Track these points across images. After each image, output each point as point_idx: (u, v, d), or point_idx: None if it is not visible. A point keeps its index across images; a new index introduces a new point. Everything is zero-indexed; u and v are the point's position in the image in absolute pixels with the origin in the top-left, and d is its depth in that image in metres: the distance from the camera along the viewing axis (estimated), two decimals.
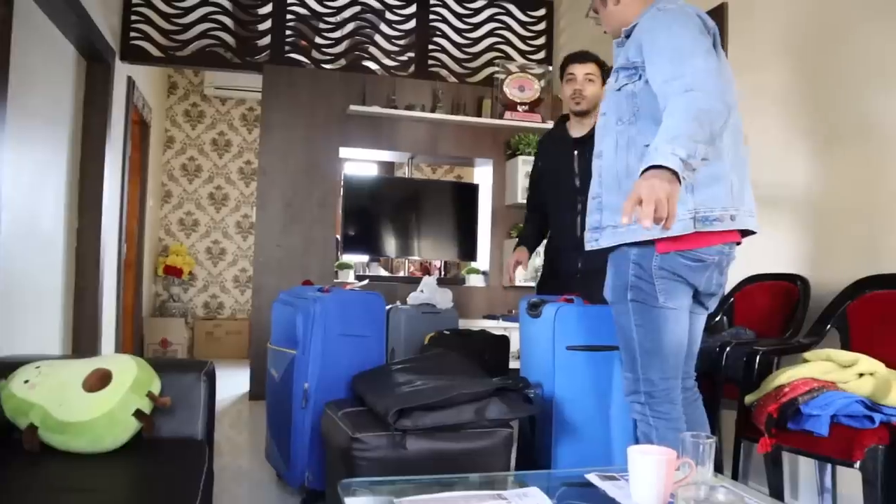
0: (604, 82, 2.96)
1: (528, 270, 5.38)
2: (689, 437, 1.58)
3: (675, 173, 1.61)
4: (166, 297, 7.21)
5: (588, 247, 2.14)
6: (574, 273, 2.90)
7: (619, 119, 2.04)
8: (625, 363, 2.06)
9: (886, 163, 2.62)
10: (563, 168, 3.04)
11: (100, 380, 1.94)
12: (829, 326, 2.64)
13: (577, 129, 3.08)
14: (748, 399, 2.42)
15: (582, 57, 3.02)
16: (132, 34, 5.04)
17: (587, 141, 2.88)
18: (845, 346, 2.59)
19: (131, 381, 1.96)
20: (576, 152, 3.00)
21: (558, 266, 3.05)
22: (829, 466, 2.61)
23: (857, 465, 2.04)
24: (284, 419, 2.82)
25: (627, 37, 2.09)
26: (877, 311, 2.54)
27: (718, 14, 3.52)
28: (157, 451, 1.93)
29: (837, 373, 2.26)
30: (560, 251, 3.03)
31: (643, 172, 1.64)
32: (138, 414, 1.93)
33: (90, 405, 1.86)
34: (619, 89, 2.05)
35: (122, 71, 5.02)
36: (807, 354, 2.40)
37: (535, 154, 3.29)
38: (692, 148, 1.64)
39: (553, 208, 3.12)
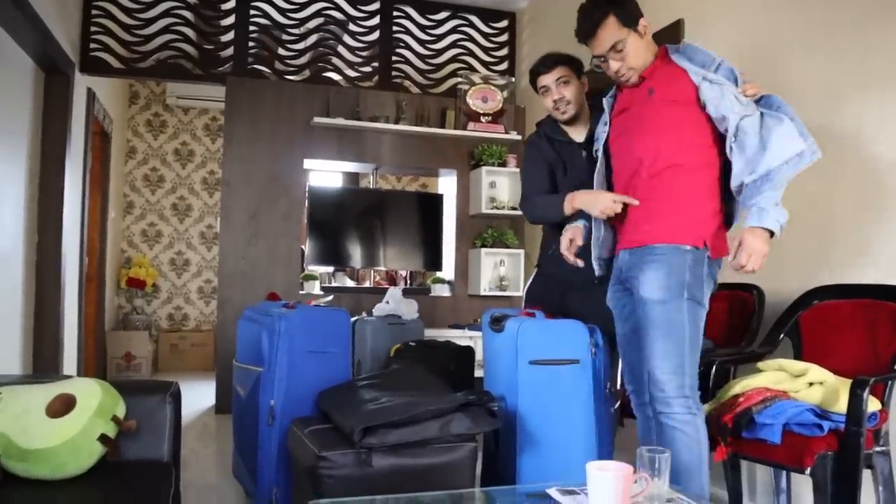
0: (578, 78, 2.74)
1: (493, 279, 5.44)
2: (646, 452, 1.64)
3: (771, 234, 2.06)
4: (129, 309, 7.13)
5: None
6: (573, 280, 2.70)
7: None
8: (668, 360, 2.15)
9: (831, 178, 2.73)
10: (572, 171, 2.76)
11: (64, 405, 1.93)
12: (782, 336, 2.73)
13: (576, 135, 2.82)
14: (706, 408, 2.48)
15: (546, 65, 2.74)
16: (92, 46, 5.00)
17: (590, 145, 2.68)
18: (797, 354, 2.68)
19: (96, 405, 1.96)
20: (584, 153, 2.75)
21: (555, 272, 2.79)
22: (784, 471, 2.69)
23: (808, 471, 2.11)
24: (251, 436, 2.83)
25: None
26: (826, 320, 2.63)
27: (675, 30, 3.61)
28: (122, 475, 1.93)
29: (789, 382, 2.34)
30: (560, 258, 2.56)
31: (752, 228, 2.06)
32: (103, 438, 1.92)
33: (54, 431, 1.86)
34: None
35: (82, 83, 4.97)
36: (760, 364, 2.48)
37: (528, 154, 2.91)
38: (786, 214, 2.07)
39: None
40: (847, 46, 2.70)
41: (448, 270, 5.56)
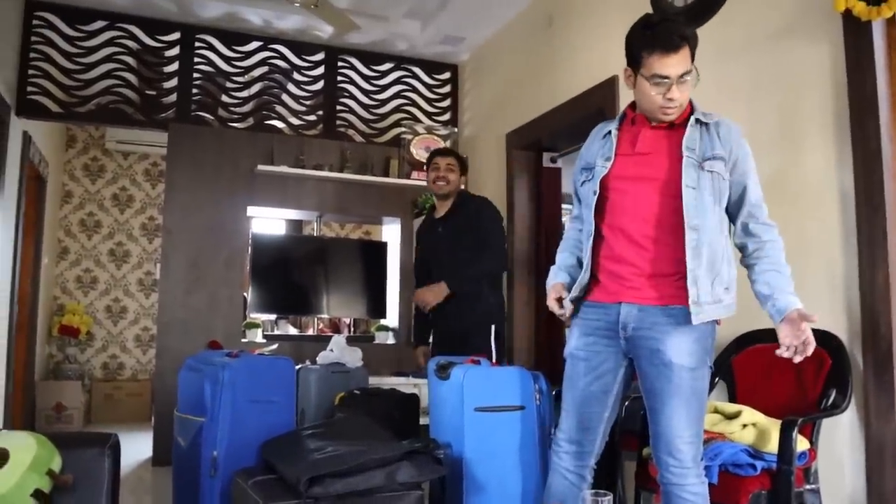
0: (462, 173, 3.85)
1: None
2: (589, 495, 1.68)
3: None
4: (61, 358, 6.88)
5: (695, 321, 2.08)
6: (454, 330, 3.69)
7: (716, 200, 2.13)
8: (689, 428, 2.08)
9: None
10: (434, 249, 3.84)
11: None
12: (717, 379, 2.82)
13: (440, 211, 3.86)
14: (646, 451, 2.55)
15: (445, 152, 3.93)
16: (30, 89, 4.91)
17: (448, 218, 3.79)
18: (732, 396, 2.77)
19: (30, 459, 1.89)
20: (440, 229, 3.79)
21: (437, 323, 3.87)
22: None
23: None
24: (192, 489, 2.76)
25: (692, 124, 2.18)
26: (757, 363, 2.74)
27: (610, 85, 3.77)
28: None
29: (724, 424, 2.42)
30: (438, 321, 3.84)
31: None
32: (37, 494, 1.86)
33: None
34: (710, 171, 2.12)
35: (18, 126, 4.87)
36: None
37: (416, 239, 4.15)
38: None
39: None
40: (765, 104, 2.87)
41: (392, 318, 5.56)
